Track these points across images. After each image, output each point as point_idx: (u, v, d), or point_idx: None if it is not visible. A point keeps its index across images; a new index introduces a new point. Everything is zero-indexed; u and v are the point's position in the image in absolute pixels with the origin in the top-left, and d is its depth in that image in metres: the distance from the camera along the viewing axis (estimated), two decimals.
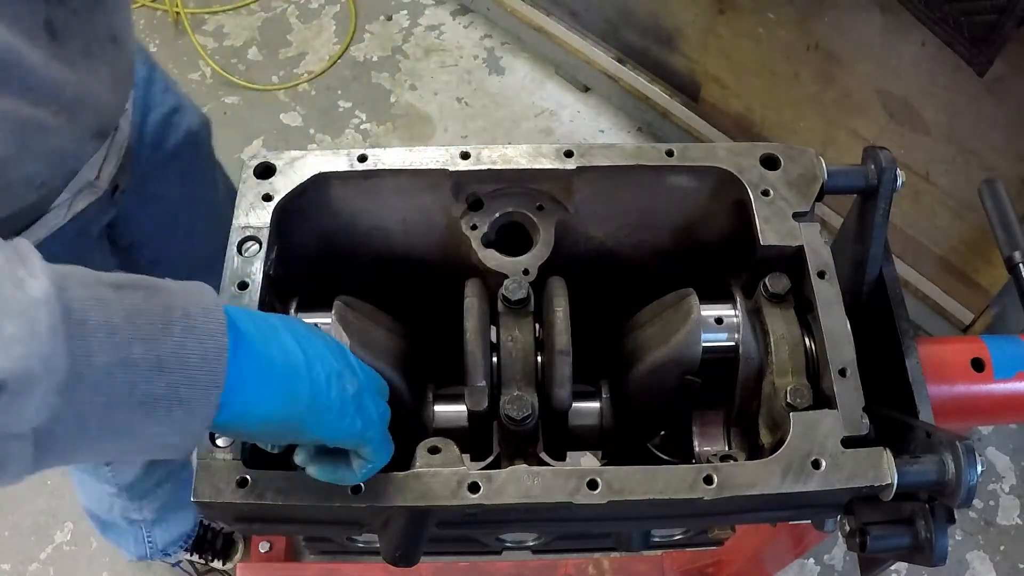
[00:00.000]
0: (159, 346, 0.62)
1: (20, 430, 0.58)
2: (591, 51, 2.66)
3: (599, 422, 1.00)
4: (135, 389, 0.61)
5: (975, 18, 1.48)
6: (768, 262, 0.95)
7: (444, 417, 0.98)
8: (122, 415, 0.61)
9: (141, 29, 3.14)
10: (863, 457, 0.81)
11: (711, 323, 0.94)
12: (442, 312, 0.99)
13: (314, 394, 0.72)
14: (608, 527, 0.97)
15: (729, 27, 2.17)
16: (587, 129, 2.81)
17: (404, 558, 0.82)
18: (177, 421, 0.64)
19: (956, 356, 1.00)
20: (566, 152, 0.98)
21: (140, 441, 0.64)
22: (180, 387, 0.63)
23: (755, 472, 0.81)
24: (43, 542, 2.16)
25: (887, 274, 0.98)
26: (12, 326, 0.54)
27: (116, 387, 0.60)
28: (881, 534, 0.85)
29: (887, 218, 0.96)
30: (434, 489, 0.80)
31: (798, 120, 2.20)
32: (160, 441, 0.65)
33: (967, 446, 0.78)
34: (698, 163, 0.98)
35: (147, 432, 0.63)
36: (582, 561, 1.82)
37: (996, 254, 1.17)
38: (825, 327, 0.88)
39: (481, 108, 2.90)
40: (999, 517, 2.21)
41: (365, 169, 0.97)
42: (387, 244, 1.03)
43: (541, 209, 0.99)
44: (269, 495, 0.80)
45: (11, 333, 0.54)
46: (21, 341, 0.55)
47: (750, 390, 0.93)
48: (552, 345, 0.91)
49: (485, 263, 0.97)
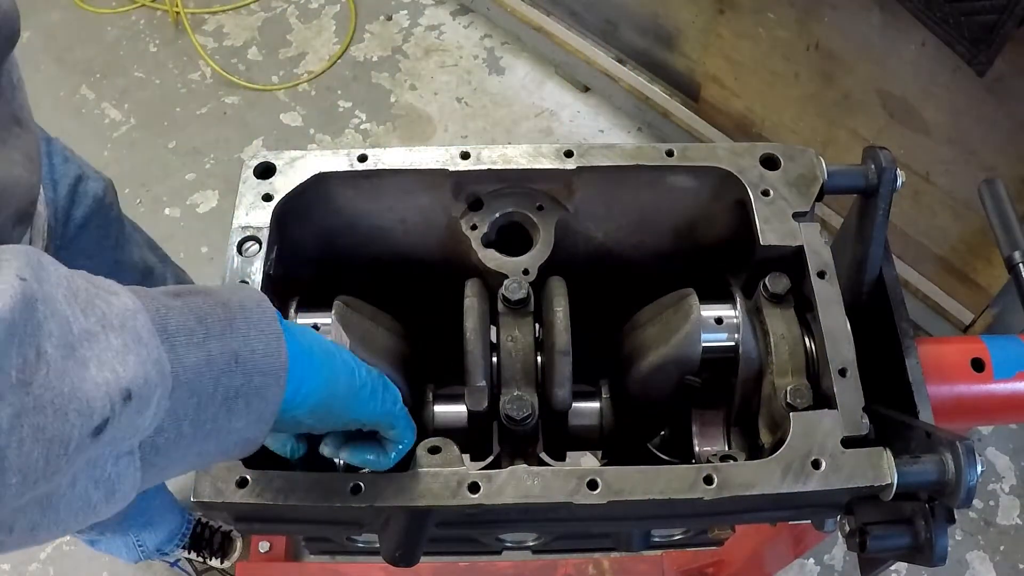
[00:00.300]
0: (230, 341, 0.65)
1: (132, 445, 0.59)
2: (591, 51, 2.66)
3: (599, 422, 1.00)
4: (219, 384, 0.63)
5: (975, 18, 1.48)
6: (768, 262, 0.95)
7: (444, 417, 0.98)
8: (209, 413, 0.64)
9: (141, 29, 3.15)
10: (863, 457, 0.81)
11: (711, 323, 0.94)
12: (442, 312, 0.99)
13: (349, 375, 0.77)
14: (608, 527, 0.97)
15: (729, 27, 2.17)
16: (587, 129, 2.81)
17: (404, 558, 0.82)
18: (254, 411, 0.67)
19: (956, 356, 1.00)
20: (566, 152, 0.98)
21: (223, 439, 0.66)
22: (254, 376, 0.66)
23: (755, 472, 0.81)
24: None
25: (887, 274, 0.98)
26: (119, 338, 0.56)
27: (204, 385, 0.63)
28: (881, 534, 0.85)
29: (887, 218, 0.96)
30: (434, 489, 0.80)
31: (798, 120, 2.20)
32: (239, 437, 0.67)
33: (967, 446, 0.78)
34: (698, 163, 0.98)
35: (230, 427, 0.66)
36: (582, 561, 1.82)
37: (996, 254, 1.17)
38: (825, 327, 0.88)
39: (481, 108, 2.90)
40: (999, 517, 2.21)
41: (365, 169, 0.97)
42: (387, 244, 1.03)
43: (541, 209, 0.99)
44: (269, 495, 0.80)
45: (120, 344, 0.56)
46: (132, 350, 0.56)
47: (750, 390, 0.93)
48: (552, 345, 0.91)
49: (485, 263, 0.97)
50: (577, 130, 2.81)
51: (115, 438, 0.56)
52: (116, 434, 0.56)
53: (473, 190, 0.99)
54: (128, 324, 0.57)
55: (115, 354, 0.55)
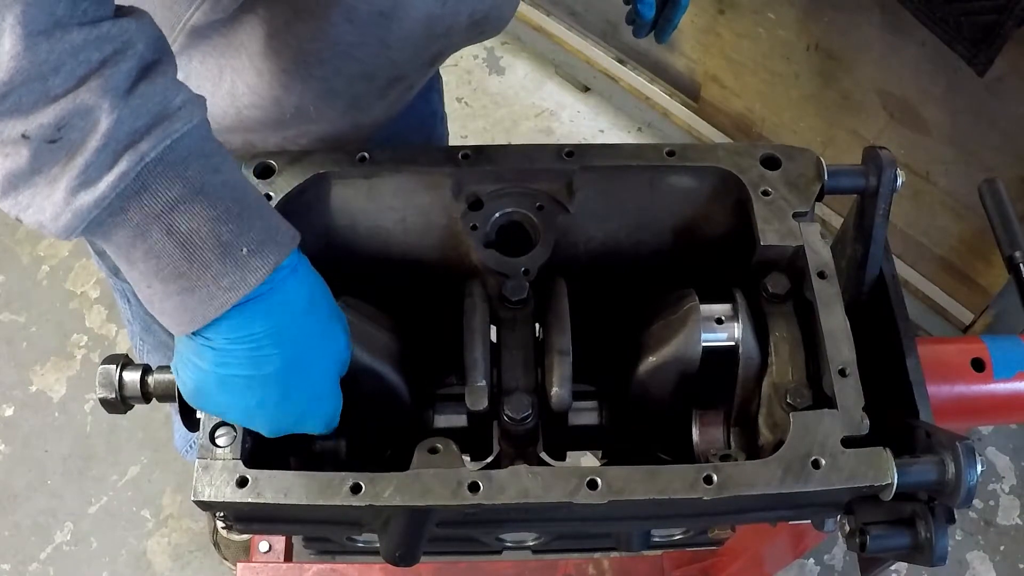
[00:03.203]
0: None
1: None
2: (591, 51, 2.66)
3: (599, 422, 1.00)
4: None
5: (975, 18, 1.48)
6: (768, 262, 0.95)
7: (444, 417, 0.98)
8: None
9: None
10: (863, 457, 0.81)
11: (711, 323, 0.94)
12: (442, 312, 0.99)
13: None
14: (608, 527, 0.97)
15: (729, 27, 2.17)
16: (587, 129, 2.81)
17: (404, 558, 0.82)
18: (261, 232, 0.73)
19: (956, 356, 1.00)
20: (566, 152, 0.98)
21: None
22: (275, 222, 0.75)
23: (755, 472, 0.81)
24: (43, 542, 2.16)
25: (887, 274, 0.98)
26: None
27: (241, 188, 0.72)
28: (881, 534, 0.85)
29: (887, 218, 0.96)
30: (434, 489, 0.80)
31: (798, 120, 2.19)
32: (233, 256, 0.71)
33: (967, 446, 0.78)
34: (698, 163, 0.98)
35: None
36: (582, 561, 1.82)
37: (996, 254, 1.16)
38: (825, 327, 0.88)
39: (481, 108, 2.90)
40: (999, 517, 2.21)
41: (365, 169, 0.97)
42: (387, 244, 1.03)
43: (541, 209, 0.99)
44: (269, 495, 0.80)
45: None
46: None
47: (750, 390, 0.93)
48: (552, 345, 0.91)
49: (485, 263, 0.97)
50: (577, 130, 2.81)
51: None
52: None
53: (473, 190, 0.99)
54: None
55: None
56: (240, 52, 0.92)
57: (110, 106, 0.63)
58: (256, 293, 0.72)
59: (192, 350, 0.76)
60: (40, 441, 2.27)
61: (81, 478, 2.23)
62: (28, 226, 0.66)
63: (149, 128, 0.65)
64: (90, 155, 0.63)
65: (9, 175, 0.63)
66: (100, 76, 0.62)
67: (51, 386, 2.34)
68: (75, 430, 2.28)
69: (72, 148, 0.63)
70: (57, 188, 0.63)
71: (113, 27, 0.63)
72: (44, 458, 2.25)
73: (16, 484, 2.22)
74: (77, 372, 2.36)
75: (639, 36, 1.36)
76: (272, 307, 0.74)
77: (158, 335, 1.47)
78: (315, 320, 0.80)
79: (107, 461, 2.25)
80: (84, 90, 0.62)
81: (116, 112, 0.63)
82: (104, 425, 2.28)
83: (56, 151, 0.62)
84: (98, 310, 2.44)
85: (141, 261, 0.69)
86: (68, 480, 2.22)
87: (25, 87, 0.60)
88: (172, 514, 2.20)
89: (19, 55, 0.59)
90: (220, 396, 0.78)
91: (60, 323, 2.42)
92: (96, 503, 2.20)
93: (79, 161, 0.63)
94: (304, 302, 0.78)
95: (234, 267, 0.70)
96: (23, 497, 2.21)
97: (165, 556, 2.17)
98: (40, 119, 0.61)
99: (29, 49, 0.59)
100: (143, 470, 2.24)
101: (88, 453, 2.26)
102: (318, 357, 0.81)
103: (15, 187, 0.64)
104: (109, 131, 0.63)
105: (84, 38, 0.61)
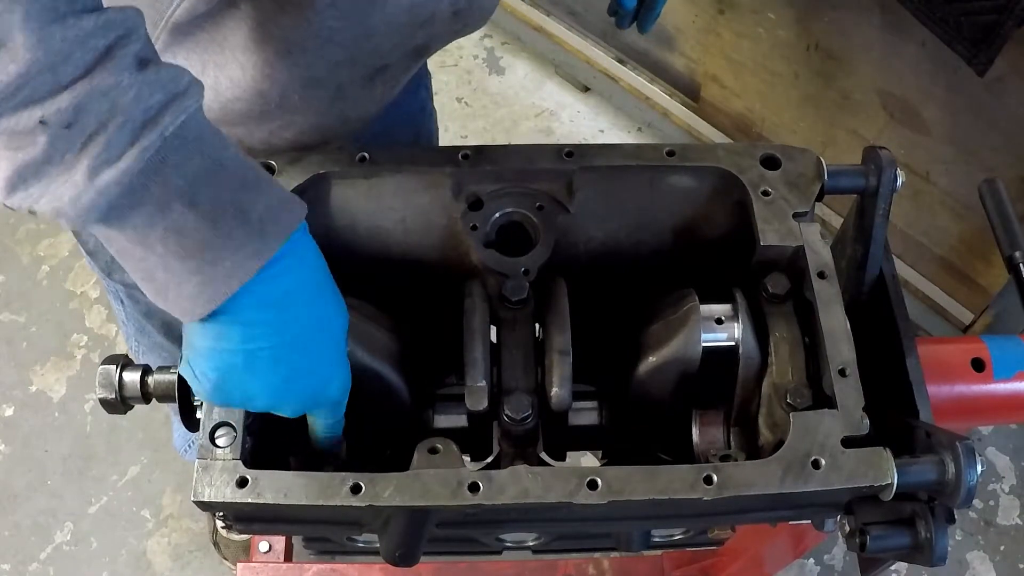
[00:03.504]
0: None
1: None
2: (591, 51, 2.66)
3: (599, 422, 1.00)
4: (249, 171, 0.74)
5: (975, 18, 1.48)
6: (768, 262, 0.95)
7: (444, 417, 0.98)
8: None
9: None
10: (863, 457, 0.81)
11: (711, 323, 0.94)
12: (442, 312, 0.99)
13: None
14: (608, 527, 0.97)
15: (729, 27, 2.17)
16: (587, 129, 2.81)
17: (404, 558, 0.82)
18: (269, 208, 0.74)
19: (956, 356, 1.00)
20: (566, 152, 0.98)
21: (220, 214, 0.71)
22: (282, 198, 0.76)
23: (755, 472, 0.81)
24: (43, 542, 2.16)
25: (887, 274, 0.98)
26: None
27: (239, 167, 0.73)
28: (881, 534, 0.85)
29: (887, 218, 0.96)
30: (434, 489, 0.80)
31: (798, 120, 2.19)
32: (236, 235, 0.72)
33: (967, 446, 0.78)
34: (698, 163, 0.98)
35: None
36: (582, 561, 1.82)
37: (996, 254, 1.16)
38: (825, 327, 0.88)
39: (481, 108, 2.89)
40: (999, 517, 2.21)
41: (365, 169, 0.97)
42: (387, 244, 1.03)
43: (541, 209, 0.99)
44: (269, 495, 0.80)
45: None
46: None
47: (750, 390, 0.93)
48: (552, 345, 0.91)
49: (485, 263, 0.97)
50: (577, 130, 2.81)
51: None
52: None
53: (473, 190, 0.99)
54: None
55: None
56: (223, 47, 0.93)
57: (127, 84, 0.64)
58: (277, 255, 0.74)
59: (214, 335, 0.75)
60: (40, 441, 2.27)
61: (81, 478, 2.23)
62: (41, 216, 0.66)
63: (165, 104, 0.66)
64: (111, 133, 0.64)
65: (20, 168, 0.64)
66: (112, 58, 0.64)
67: (51, 386, 2.34)
68: (75, 430, 2.28)
69: (89, 130, 0.64)
70: (76, 170, 0.64)
71: (116, 14, 0.65)
72: (44, 458, 2.25)
73: (16, 484, 2.22)
74: (77, 372, 2.36)
75: (622, 26, 1.36)
76: (291, 266, 0.76)
77: (153, 336, 1.47)
78: (326, 276, 0.82)
79: (107, 461, 2.25)
80: (99, 71, 0.63)
81: (133, 90, 0.64)
82: (104, 425, 2.28)
83: (72, 137, 0.63)
84: (98, 310, 2.44)
85: (160, 242, 0.69)
86: (68, 480, 2.22)
87: (41, 76, 0.61)
88: (172, 514, 2.20)
89: (34, 46, 0.60)
90: (247, 378, 0.77)
91: (60, 323, 2.42)
92: (96, 503, 2.20)
93: (100, 140, 0.64)
94: (316, 259, 0.81)
95: (257, 234, 0.72)
96: (23, 497, 2.21)
97: (165, 556, 2.17)
98: (57, 103, 0.62)
99: (43, 40, 0.60)
100: (143, 470, 2.24)
101: (88, 453, 2.26)
102: (335, 314, 0.83)
103: (25, 180, 0.64)
104: (127, 108, 0.64)
105: (93, 24, 0.63)
